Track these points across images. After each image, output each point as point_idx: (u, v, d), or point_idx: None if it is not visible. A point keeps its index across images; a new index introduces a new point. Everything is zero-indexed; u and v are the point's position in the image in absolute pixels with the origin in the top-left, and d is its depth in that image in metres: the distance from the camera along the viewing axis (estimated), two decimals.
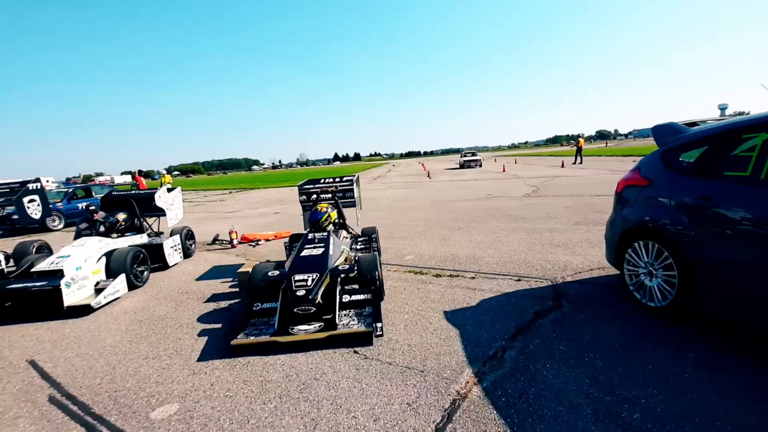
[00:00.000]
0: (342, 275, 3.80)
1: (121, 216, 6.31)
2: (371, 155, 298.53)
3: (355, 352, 3.16)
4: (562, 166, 24.28)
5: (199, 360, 3.25)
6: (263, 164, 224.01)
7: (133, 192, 7.19)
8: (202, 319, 4.18)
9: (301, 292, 3.42)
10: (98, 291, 4.93)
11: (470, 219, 8.73)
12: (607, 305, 3.63)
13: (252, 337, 3.29)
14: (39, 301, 4.53)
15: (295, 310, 3.44)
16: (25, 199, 6.85)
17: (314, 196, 5.88)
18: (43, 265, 4.91)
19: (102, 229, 6.71)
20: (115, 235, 6.05)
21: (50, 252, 7.11)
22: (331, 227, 5.03)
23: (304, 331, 3.32)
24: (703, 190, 2.92)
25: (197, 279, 5.76)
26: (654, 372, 2.52)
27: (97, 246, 5.40)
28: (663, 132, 3.60)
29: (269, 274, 3.79)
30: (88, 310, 4.56)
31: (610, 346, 2.89)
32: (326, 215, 4.98)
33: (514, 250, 5.81)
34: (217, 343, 3.51)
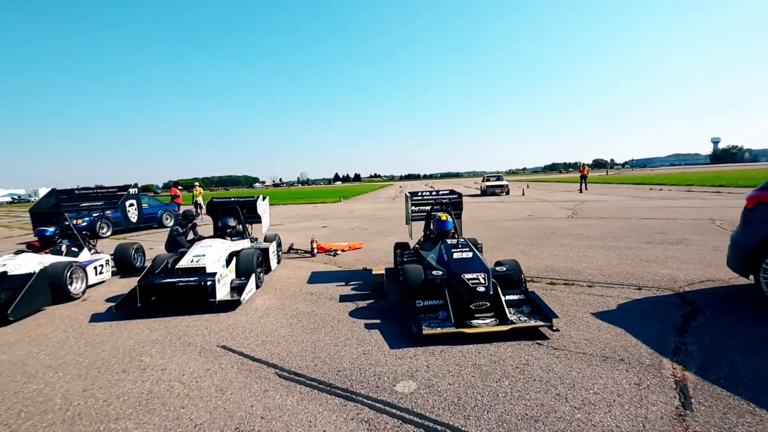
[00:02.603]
0: (499, 275, 4.14)
1: (232, 221, 6.63)
2: (371, 176, 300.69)
3: (539, 344, 3.47)
4: (580, 191, 24.85)
5: (392, 348, 3.54)
6: (264, 182, 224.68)
7: (240, 199, 7.54)
8: (354, 314, 4.48)
9: (480, 289, 3.76)
10: (233, 289, 5.22)
11: (533, 236, 9.10)
12: (744, 310, 3.99)
13: (439, 329, 3.59)
14: (191, 295, 4.81)
15: (471, 306, 3.77)
16: (127, 203, 7.17)
17: (428, 207, 6.26)
18: (184, 263, 5.21)
19: (191, 235, 7.08)
20: (228, 239, 6.36)
21: (144, 253, 7.42)
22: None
23: (485, 324, 3.64)
24: None
25: (308, 282, 6.06)
26: None
27: (223, 247, 5.71)
28: None
29: (433, 273, 4.14)
30: (235, 305, 4.85)
31: None
32: (454, 224, 5.36)
33: (607, 264, 6.16)
34: (395, 334, 3.81)
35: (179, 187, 19.26)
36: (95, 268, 6.31)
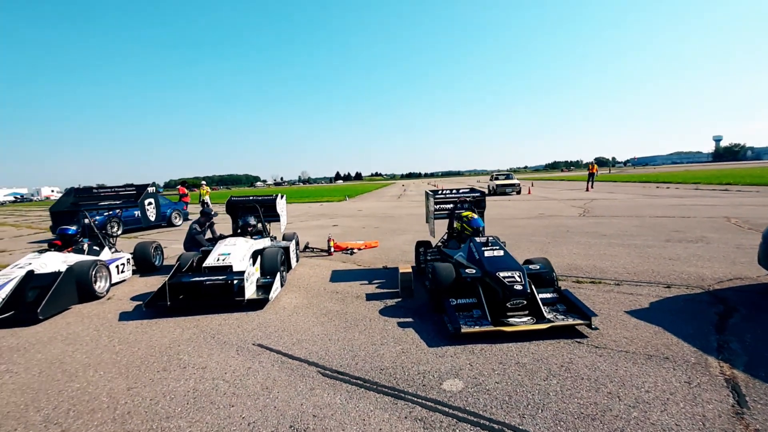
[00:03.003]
0: (533, 273, 4.13)
1: (253, 220, 6.63)
2: (372, 175, 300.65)
3: (578, 342, 3.46)
4: (587, 189, 24.79)
5: (430, 346, 3.53)
6: (265, 181, 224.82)
7: (258, 197, 7.53)
8: (384, 313, 4.47)
9: (518, 287, 3.75)
10: (259, 287, 5.22)
11: (549, 235, 9.08)
12: None
13: (477, 327, 3.59)
14: (219, 293, 4.81)
15: (507, 304, 3.76)
16: (146, 202, 7.17)
17: (450, 204, 6.25)
18: (210, 261, 5.21)
19: (209, 234, 7.11)
20: (249, 237, 6.35)
21: (162, 252, 7.42)
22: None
23: (523, 322, 3.63)
24: None
25: (331, 281, 6.05)
26: None
27: (246, 246, 5.71)
28: None
29: (466, 271, 4.13)
30: (263, 304, 4.84)
31: None
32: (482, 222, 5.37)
33: (630, 262, 6.14)
34: (430, 333, 3.81)
35: (186, 186, 19.21)
36: (117, 266, 6.31)
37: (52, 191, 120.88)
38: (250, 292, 4.92)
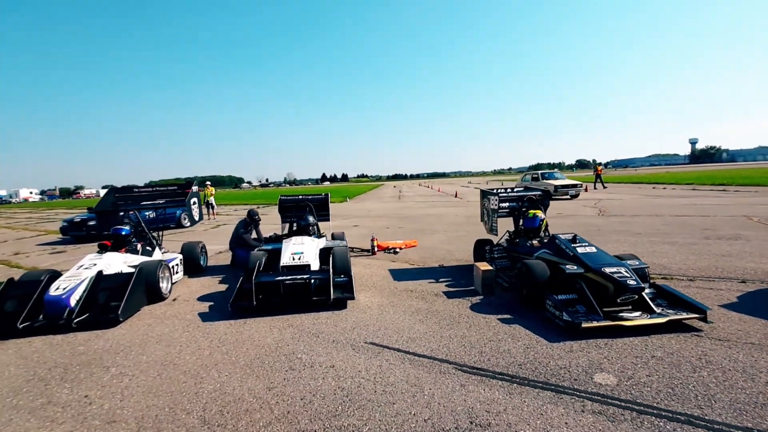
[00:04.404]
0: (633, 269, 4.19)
1: (312, 219, 6.54)
2: (358, 176, 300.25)
3: (698, 336, 3.52)
4: (586, 190, 25.25)
5: (551, 341, 3.54)
6: (250, 182, 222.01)
7: (308, 196, 7.43)
8: (476, 310, 4.48)
9: (631, 282, 3.79)
10: (335, 287, 5.14)
11: (582, 233, 9.09)
12: None
13: (595, 322, 3.61)
14: (300, 292, 4.74)
15: (618, 299, 3.81)
16: (191, 201, 7.01)
17: (509, 203, 6.31)
18: (286, 261, 5.12)
19: (253, 234, 7.01)
20: (313, 236, 6.27)
21: (206, 252, 7.27)
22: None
23: (637, 317, 3.68)
24: None
25: (395, 279, 6.01)
26: None
27: (314, 245, 5.64)
28: None
29: (567, 268, 4.16)
30: (344, 303, 4.78)
31: None
32: (544, 221, 5.39)
33: (686, 259, 6.28)
34: (540, 328, 3.83)
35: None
36: (171, 267, 6.15)
37: (31, 193, 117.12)
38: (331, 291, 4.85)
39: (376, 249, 8.14)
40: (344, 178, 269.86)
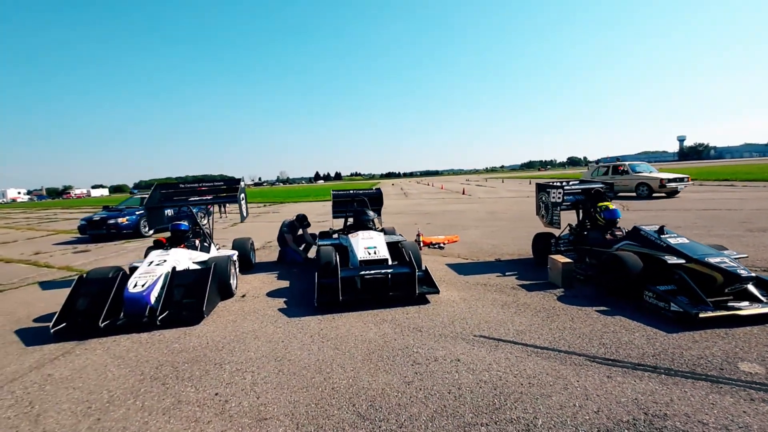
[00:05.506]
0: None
1: (371, 213, 6.45)
2: (351, 175, 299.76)
3: None
4: None
5: (667, 332, 3.50)
6: (242, 180, 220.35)
7: (360, 191, 7.34)
8: (564, 301, 4.45)
9: (742, 272, 3.76)
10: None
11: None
12: None
13: (710, 312, 3.58)
14: (380, 286, 4.66)
15: (726, 289, 3.79)
16: (240, 197, 6.89)
17: (572, 197, 6.29)
18: (362, 255, 5.02)
19: (299, 232, 6.91)
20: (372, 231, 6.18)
21: (254, 250, 7.14)
22: None
23: (750, 306, 3.66)
24: None
25: (459, 274, 5.95)
26: None
27: (381, 239, 5.56)
28: None
29: (666, 258, 4.13)
30: (425, 298, 4.70)
31: None
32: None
33: (746, 251, 6.27)
34: (642, 318, 3.80)
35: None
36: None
37: (19, 193, 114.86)
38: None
39: (422, 244, 8.06)
40: (338, 176, 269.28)
